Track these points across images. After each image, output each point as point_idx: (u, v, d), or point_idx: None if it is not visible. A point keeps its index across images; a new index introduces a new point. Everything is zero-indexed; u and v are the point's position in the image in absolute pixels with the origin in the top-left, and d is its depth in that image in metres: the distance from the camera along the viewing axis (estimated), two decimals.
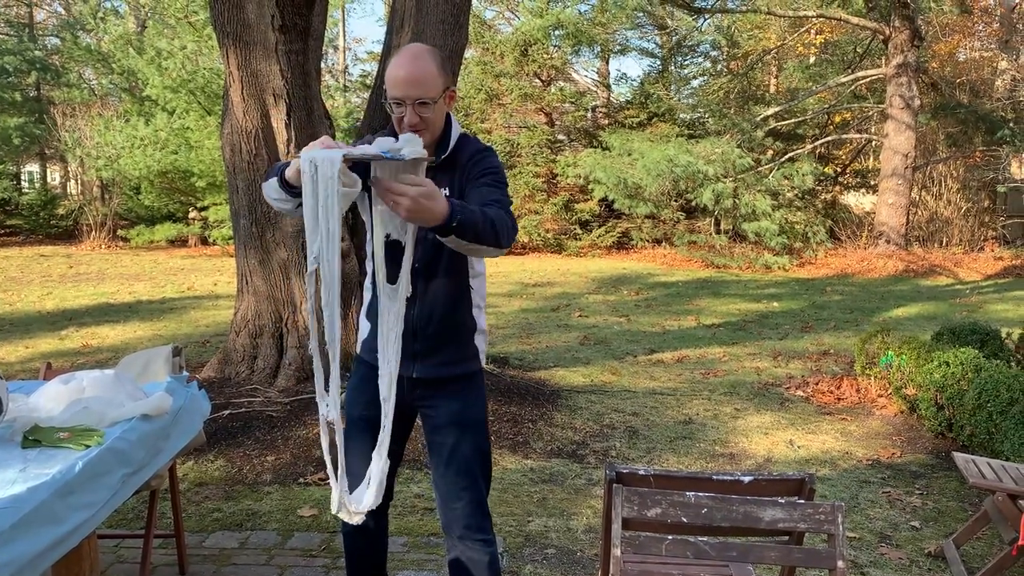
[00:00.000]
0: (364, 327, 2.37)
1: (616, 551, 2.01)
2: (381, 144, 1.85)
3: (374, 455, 2.03)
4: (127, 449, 2.18)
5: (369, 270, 2.31)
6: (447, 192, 2.14)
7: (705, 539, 2.06)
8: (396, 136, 2.05)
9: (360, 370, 2.36)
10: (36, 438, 2.14)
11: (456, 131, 2.21)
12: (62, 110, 20.70)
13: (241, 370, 5.48)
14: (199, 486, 4.09)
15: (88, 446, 2.11)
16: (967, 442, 4.74)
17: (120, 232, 19.37)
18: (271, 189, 2.03)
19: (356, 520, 2.01)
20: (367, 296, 2.35)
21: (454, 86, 2.16)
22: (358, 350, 2.41)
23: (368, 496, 2.01)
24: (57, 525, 1.82)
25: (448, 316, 2.23)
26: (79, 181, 21.90)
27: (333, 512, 2.01)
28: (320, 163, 1.77)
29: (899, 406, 5.62)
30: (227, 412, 4.86)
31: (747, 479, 2.09)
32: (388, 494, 2.38)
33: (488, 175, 2.15)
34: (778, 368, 7.04)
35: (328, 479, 2.46)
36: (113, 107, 21.48)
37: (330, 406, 1.92)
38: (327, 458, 2.00)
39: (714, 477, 2.11)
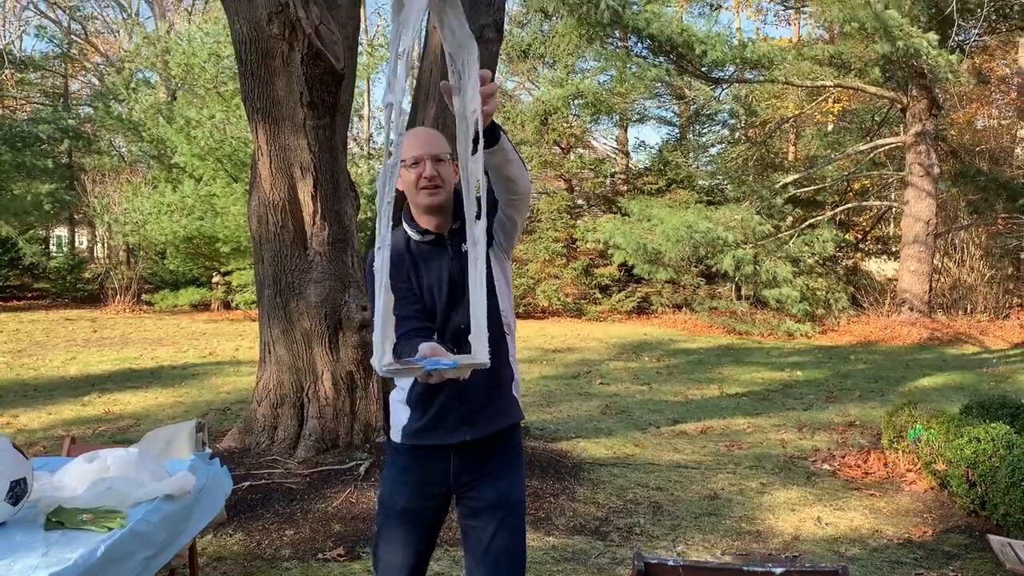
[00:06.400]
0: (403, 412, 2.27)
1: None
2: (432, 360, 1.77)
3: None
4: (149, 531, 2.17)
5: None
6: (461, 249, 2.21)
7: None
8: (407, 228, 2.26)
9: (400, 461, 2.29)
10: (59, 520, 2.14)
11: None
12: (92, 176, 21.20)
13: (262, 440, 5.47)
14: (217, 560, 4.04)
15: (111, 528, 2.10)
16: (1002, 521, 4.60)
17: (144, 296, 19.60)
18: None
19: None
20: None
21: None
22: (395, 437, 2.29)
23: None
24: None
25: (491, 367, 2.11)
26: (106, 245, 22.32)
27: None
28: None
29: (929, 482, 5.49)
30: (247, 484, 4.83)
31: (779, 571, 2.03)
32: None
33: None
34: (803, 440, 6.93)
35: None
36: (141, 173, 21.97)
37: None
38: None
39: (745, 568, 2.05)
